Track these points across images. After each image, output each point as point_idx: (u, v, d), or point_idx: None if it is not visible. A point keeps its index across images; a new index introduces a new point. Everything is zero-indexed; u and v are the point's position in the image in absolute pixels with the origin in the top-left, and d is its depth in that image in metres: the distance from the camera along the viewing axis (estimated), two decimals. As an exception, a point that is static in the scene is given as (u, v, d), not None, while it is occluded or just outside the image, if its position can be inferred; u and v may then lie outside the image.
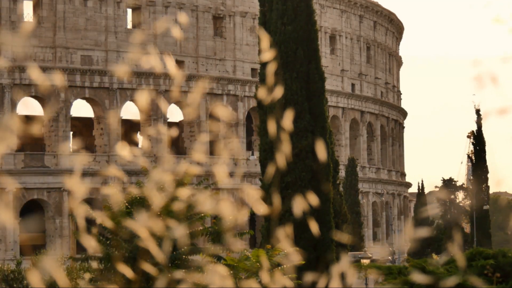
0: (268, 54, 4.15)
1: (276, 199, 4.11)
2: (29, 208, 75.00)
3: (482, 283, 17.05)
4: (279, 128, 4.16)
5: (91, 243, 3.67)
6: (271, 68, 4.23)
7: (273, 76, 4.19)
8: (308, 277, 4.31)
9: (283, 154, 4.00)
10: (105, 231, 24.67)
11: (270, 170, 4.32)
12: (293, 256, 4.42)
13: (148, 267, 3.89)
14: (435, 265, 19.91)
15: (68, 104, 78.34)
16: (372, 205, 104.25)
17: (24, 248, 70.84)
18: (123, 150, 4.18)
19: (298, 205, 3.97)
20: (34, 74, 3.80)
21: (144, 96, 3.95)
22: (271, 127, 4.22)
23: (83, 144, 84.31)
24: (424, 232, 4.07)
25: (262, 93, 4.13)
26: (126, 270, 3.86)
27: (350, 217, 65.07)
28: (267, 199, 4.33)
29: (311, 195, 4.07)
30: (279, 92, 4.15)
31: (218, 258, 22.99)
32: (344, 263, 3.92)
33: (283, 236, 4.02)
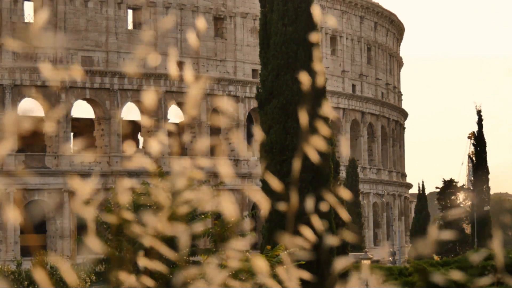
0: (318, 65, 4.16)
1: (294, 198, 4.11)
2: (30, 209, 74.96)
3: None
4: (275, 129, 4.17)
5: (96, 244, 3.68)
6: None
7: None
8: (309, 277, 4.32)
9: (301, 155, 4.00)
10: (106, 232, 24.67)
11: (296, 166, 4.29)
12: (294, 256, 4.45)
13: (157, 266, 3.91)
14: (435, 265, 19.93)
15: (69, 105, 78.32)
16: (372, 206, 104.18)
17: (25, 249, 70.80)
18: (126, 151, 4.19)
19: (325, 204, 3.98)
20: (47, 71, 3.80)
21: (150, 97, 3.95)
22: (305, 119, 4.22)
23: (84, 145, 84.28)
24: (448, 234, 4.05)
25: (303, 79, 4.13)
26: (144, 262, 3.88)
27: (351, 218, 64.96)
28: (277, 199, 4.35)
29: (329, 195, 4.07)
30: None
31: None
32: (364, 270, 3.92)
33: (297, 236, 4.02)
